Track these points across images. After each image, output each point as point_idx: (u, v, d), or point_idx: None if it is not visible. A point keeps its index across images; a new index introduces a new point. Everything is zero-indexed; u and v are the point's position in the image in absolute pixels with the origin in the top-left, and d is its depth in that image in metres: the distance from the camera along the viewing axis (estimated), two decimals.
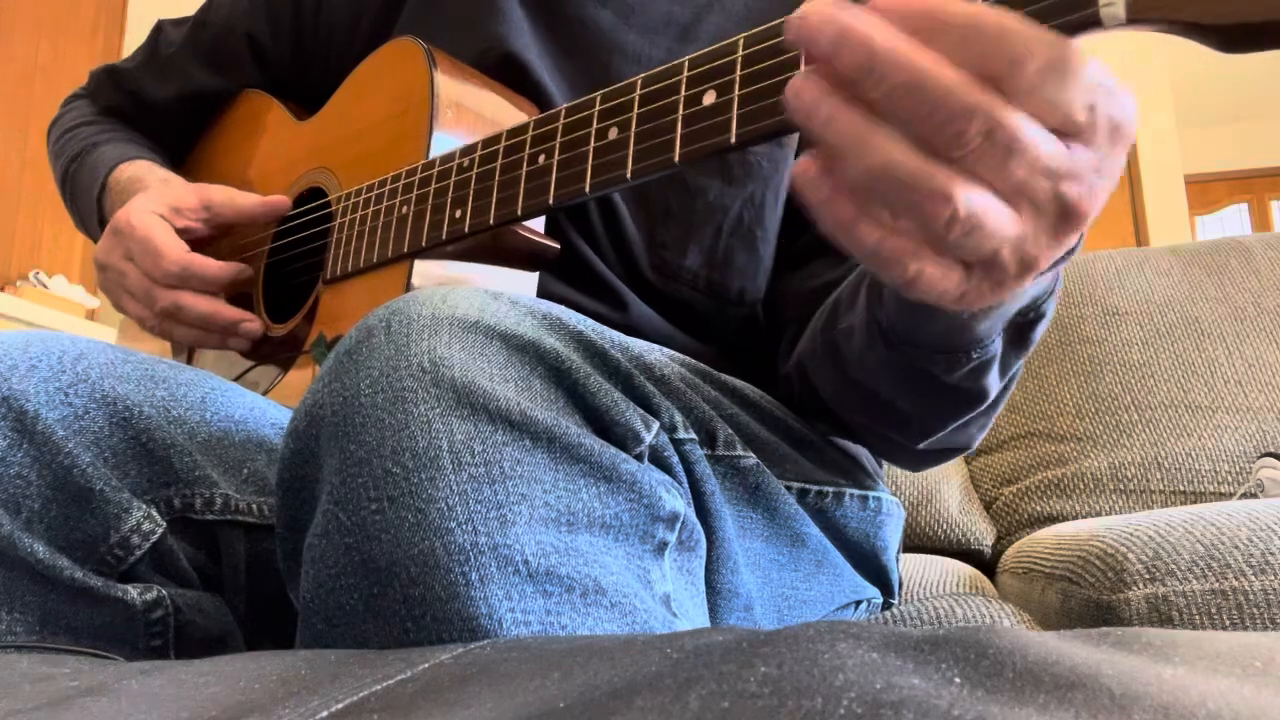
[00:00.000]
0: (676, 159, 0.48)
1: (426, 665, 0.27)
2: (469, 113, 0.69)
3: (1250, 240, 1.52)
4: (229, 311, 0.76)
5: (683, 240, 0.70)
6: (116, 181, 0.86)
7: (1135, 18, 0.33)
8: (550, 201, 0.55)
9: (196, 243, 0.79)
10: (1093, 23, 0.34)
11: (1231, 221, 5.58)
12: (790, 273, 0.73)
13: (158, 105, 0.96)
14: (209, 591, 0.53)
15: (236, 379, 0.79)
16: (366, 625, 0.37)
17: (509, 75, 0.72)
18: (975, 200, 0.33)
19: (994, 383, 0.53)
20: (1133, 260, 1.53)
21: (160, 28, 0.96)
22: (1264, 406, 1.31)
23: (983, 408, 0.56)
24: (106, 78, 0.99)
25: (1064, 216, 0.35)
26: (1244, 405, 1.32)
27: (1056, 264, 0.42)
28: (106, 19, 3.19)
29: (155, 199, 0.77)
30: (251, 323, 0.76)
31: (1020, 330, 0.50)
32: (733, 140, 0.46)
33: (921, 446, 0.61)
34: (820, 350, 0.61)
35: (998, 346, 0.50)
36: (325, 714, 0.23)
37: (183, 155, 0.99)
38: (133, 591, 0.49)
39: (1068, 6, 0.35)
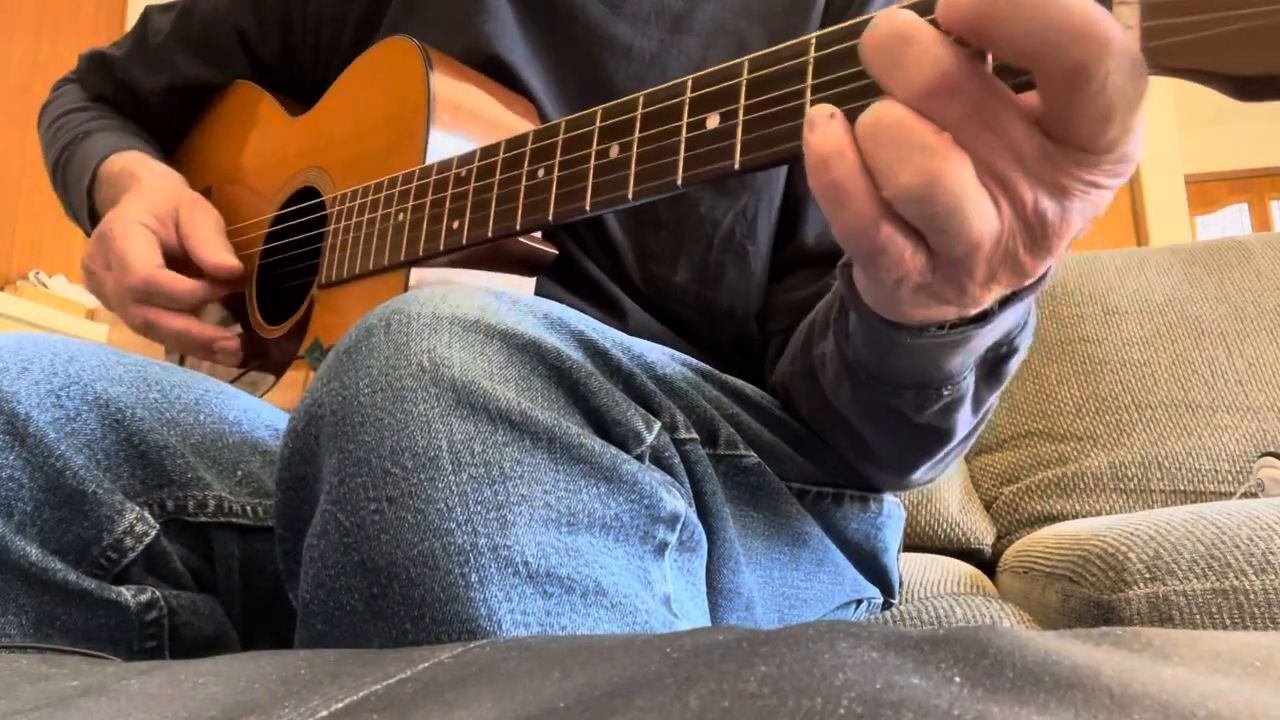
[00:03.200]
0: (679, 182, 0.48)
1: (426, 665, 0.27)
2: (466, 114, 0.69)
3: (1250, 240, 1.52)
4: (201, 331, 0.74)
5: (672, 253, 0.69)
6: (107, 173, 0.84)
7: (1156, 64, 0.33)
8: (550, 218, 0.55)
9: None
10: None
11: (1231, 221, 5.58)
12: (773, 283, 0.72)
13: (148, 95, 0.94)
14: (203, 593, 0.53)
15: (233, 381, 0.79)
16: (366, 625, 0.37)
17: (495, 76, 0.72)
18: (961, 172, 0.33)
19: (965, 419, 0.52)
20: (1133, 260, 1.53)
21: (148, 14, 0.94)
22: (1264, 406, 1.31)
23: (954, 443, 0.55)
24: (96, 64, 0.96)
25: (1039, 232, 0.35)
26: (1244, 405, 1.32)
27: (1026, 294, 0.41)
28: (106, 19, 3.19)
29: (143, 205, 0.76)
30: (228, 341, 0.75)
31: (993, 365, 0.49)
32: (736, 166, 0.46)
33: (897, 482, 0.61)
34: (800, 372, 0.61)
35: (969, 383, 0.49)
36: (325, 714, 0.23)
37: (173, 145, 0.97)
38: (127, 594, 0.49)
39: None
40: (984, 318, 0.41)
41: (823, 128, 0.35)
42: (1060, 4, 0.30)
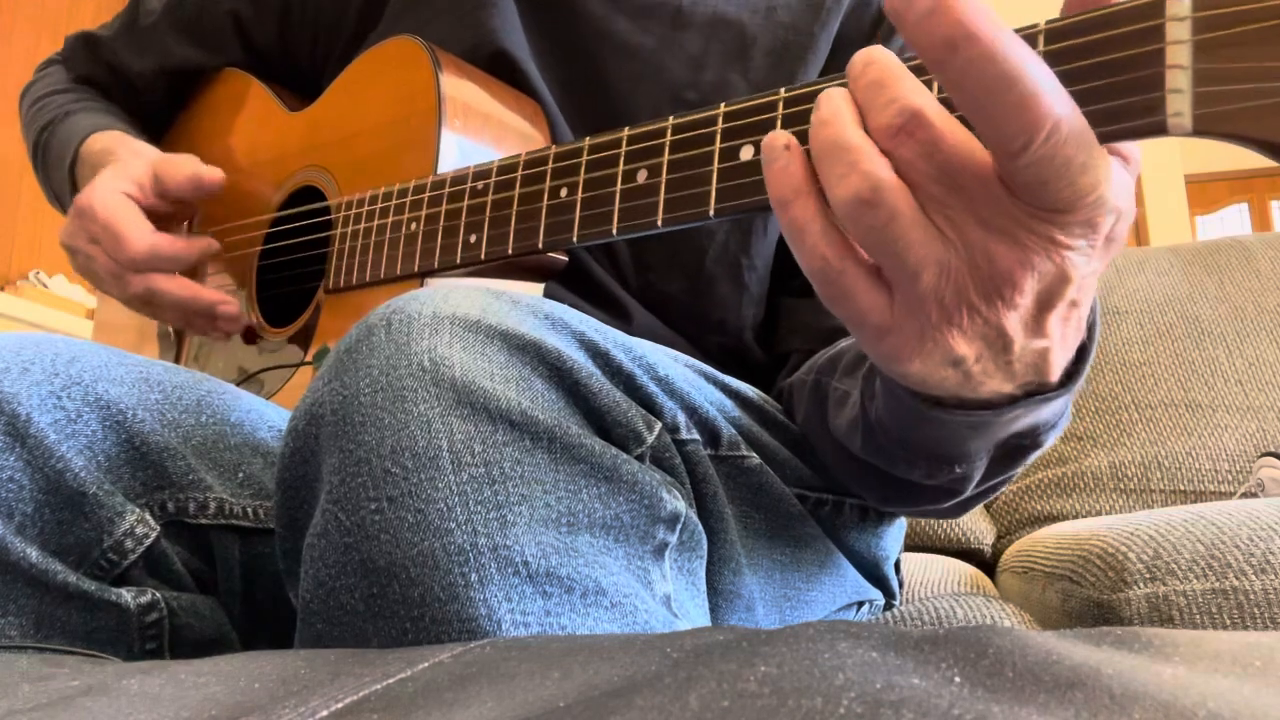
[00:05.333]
0: (712, 213, 0.47)
1: (426, 665, 0.27)
2: (477, 115, 0.68)
3: (1250, 240, 1.52)
4: (205, 295, 0.73)
5: (668, 264, 0.69)
6: (89, 152, 0.83)
7: (1201, 130, 0.33)
8: (575, 239, 0.54)
9: (165, 220, 0.76)
10: (1159, 130, 0.34)
11: (1231, 221, 5.58)
12: (801, 299, 0.71)
13: (136, 77, 0.93)
14: (204, 594, 0.53)
15: (237, 384, 0.78)
16: (366, 625, 0.37)
17: (501, 72, 0.72)
18: (884, 177, 0.34)
19: (970, 487, 0.51)
20: (1133, 260, 1.53)
21: None
22: (1264, 406, 1.31)
23: (950, 504, 0.54)
24: (82, 45, 0.95)
25: (986, 272, 0.35)
26: (1244, 404, 1.32)
27: (1055, 395, 0.40)
28: (106, 19, 3.20)
29: (119, 175, 0.74)
30: (229, 305, 0.74)
31: (1012, 452, 0.48)
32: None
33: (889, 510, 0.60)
34: (811, 385, 0.60)
35: (984, 462, 0.48)
36: (325, 714, 0.23)
37: (161, 130, 0.95)
38: (127, 595, 0.49)
39: (1136, 112, 0.34)
40: (994, 406, 0.40)
41: (782, 166, 0.37)
42: (1008, 73, 0.31)
